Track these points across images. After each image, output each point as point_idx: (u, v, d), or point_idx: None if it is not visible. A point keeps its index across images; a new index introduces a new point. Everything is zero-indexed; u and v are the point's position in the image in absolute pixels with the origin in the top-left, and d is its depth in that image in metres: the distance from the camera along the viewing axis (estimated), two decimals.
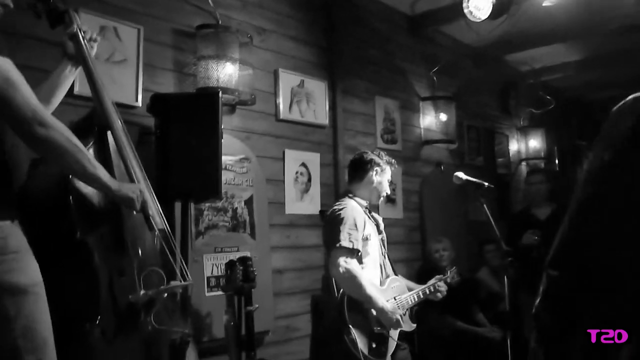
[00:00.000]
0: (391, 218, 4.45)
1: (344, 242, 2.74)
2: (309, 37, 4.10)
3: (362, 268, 2.81)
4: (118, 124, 1.95)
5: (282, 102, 3.81)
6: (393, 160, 3.13)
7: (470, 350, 4.11)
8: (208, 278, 3.17)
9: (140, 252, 1.93)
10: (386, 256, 3.06)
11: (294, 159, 3.86)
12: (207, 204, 3.24)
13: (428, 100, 5.10)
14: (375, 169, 3.02)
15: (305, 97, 3.99)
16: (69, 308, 1.69)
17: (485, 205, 3.05)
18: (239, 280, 2.79)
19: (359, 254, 2.80)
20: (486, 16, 3.50)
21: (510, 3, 3.48)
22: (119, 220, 1.89)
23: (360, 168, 3.04)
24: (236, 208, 3.41)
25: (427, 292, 3.08)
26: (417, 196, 4.91)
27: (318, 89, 4.08)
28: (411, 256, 4.73)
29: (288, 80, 3.88)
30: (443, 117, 5.10)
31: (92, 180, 1.72)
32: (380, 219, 3.10)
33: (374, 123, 4.56)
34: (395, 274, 3.07)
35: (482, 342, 4.19)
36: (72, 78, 2.05)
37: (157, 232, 1.89)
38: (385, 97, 4.68)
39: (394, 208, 4.60)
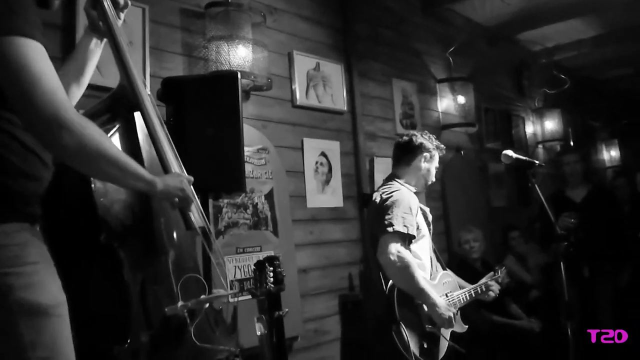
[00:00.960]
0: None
1: (398, 226, 2.46)
2: (323, 17, 3.80)
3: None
4: (149, 103, 1.64)
5: (299, 87, 3.51)
6: (442, 146, 2.84)
7: (511, 344, 3.85)
8: (231, 282, 2.88)
9: (176, 254, 1.63)
10: (434, 249, 2.78)
11: (313, 148, 3.57)
12: (225, 201, 2.95)
13: (445, 82, 4.82)
14: (424, 154, 2.76)
15: (321, 81, 3.69)
16: (94, 328, 1.39)
17: (537, 186, 2.76)
18: (270, 283, 2.50)
19: (412, 241, 2.52)
20: None
21: None
22: (150, 217, 1.59)
23: (408, 152, 2.76)
24: (256, 203, 3.12)
25: (479, 291, 2.82)
26: (439, 184, 4.63)
27: (334, 72, 3.78)
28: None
29: (303, 63, 3.58)
30: (461, 99, 4.83)
31: (131, 186, 1.45)
32: (427, 209, 2.82)
33: (392, 108, 4.27)
34: (444, 269, 2.79)
35: (521, 335, 3.93)
36: (99, 52, 1.73)
37: (197, 231, 1.59)
38: (402, 79, 4.40)
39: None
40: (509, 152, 2.82)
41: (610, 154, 7.58)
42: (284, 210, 3.26)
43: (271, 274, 2.54)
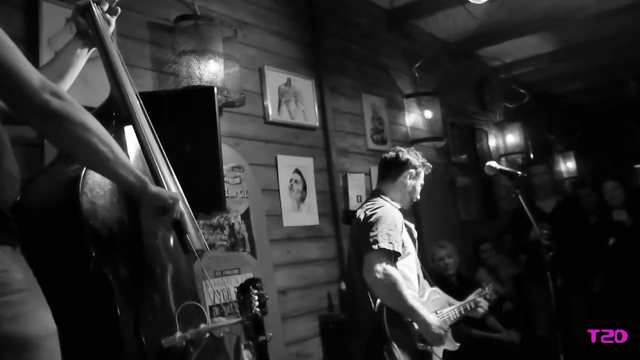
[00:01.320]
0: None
1: (383, 243, 2.37)
2: (293, 32, 3.74)
3: None
4: (141, 115, 1.51)
5: (270, 103, 3.42)
6: (428, 164, 2.79)
7: (491, 358, 3.81)
8: (211, 308, 2.72)
9: (173, 280, 1.50)
10: (421, 266, 2.71)
11: (286, 165, 3.47)
12: (201, 221, 2.81)
13: (412, 97, 4.83)
14: (410, 170, 2.68)
15: (293, 97, 3.61)
16: None
17: (520, 196, 2.75)
18: (255, 307, 2.37)
19: (398, 258, 2.44)
20: None
21: None
22: (143, 239, 1.45)
23: (394, 168, 2.69)
24: (233, 224, 2.99)
25: (468, 308, 2.76)
26: None
27: (306, 87, 3.72)
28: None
29: (274, 78, 3.50)
30: (428, 114, 4.84)
31: (120, 178, 1.28)
32: (412, 225, 2.75)
33: (362, 123, 4.23)
34: (431, 286, 2.72)
35: (501, 348, 3.90)
36: (84, 60, 1.62)
37: (196, 255, 1.45)
38: (371, 94, 4.37)
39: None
40: (493, 164, 2.81)
41: (567, 166, 7.78)
42: (261, 230, 3.14)
43: (256, 297, 2.43)
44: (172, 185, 1.53)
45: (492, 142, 6.20)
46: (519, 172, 2.84)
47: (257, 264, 3.04)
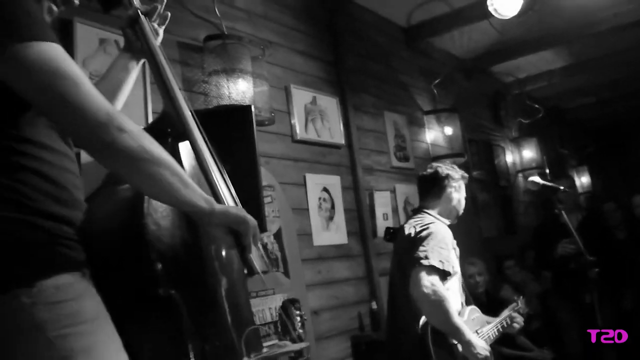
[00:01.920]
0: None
1: (434, 260, 2.32)
2: (316, 51, 3.74)
3: None
4: (197, 131, 1.46)
5: (298, 121, 3.40)
6: (466, 175, 2.79)
7: None
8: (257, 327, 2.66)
9: (232, 303, 1.44)
10: (463, 286, 2.66)
11: (315, 183, 3.44)
12: None
13: (431, 113, 4.82)
14: (453, 184, 2.67)
15: (319, 115, 3.59)
16: None
17: (563, 212, 2.70)
18: (298, 328, 2.32)
19: (447, 278, 2.38)
20: (514, 13, 3.24)
21: None
22: (206, 261, 1.40)
23: (437, 184, 2.67)
24: (266, 244, 2.94)
25: (505, 324, 2.70)
26: None
27: (330, 105, 3.70)
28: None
29: (300, 97, 3.48)
30: (448, 130, 4.82)
31: (190, 204, 1.21)
32: (455, 242, 2.70)
33: (385, 140, 4.21)
34: (470, 304, 2.65)
35: None
36: (135, 75, 1.57)
37: (261, 277, 1.39)
38: (393, 112, 4.36)
39: None
40: (536, 179, 2.78)
41: (582, 180, 7.74)
42: (293, 250, 3.09)
43: (298, 318, 2.38)
44: (230, 202, 1.48)
45: (509, 157, 6.18)
46: (562, 187, 2.80)
47: (291, 284, 2.99)
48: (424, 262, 2.32)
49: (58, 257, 1.09)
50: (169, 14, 1.60)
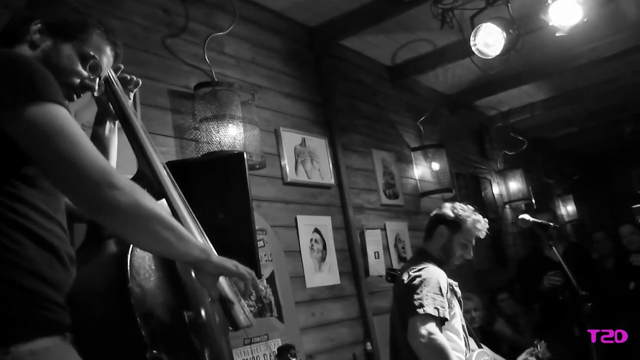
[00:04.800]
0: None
1: (428, 308, 2.30)
2: (304, 93, 3.79)
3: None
4: (172, 188, 1.49)
5: (288, 163, 3.43)
6: (479, 217, 2.67)
7: None
8: None
9: (216, 357, 1.44)
10: (467, 326, 2.65)
11: (306, 225, 3.45)
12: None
13: (418, 150, 4.87)
14: (454, 227, 2.61)
15: (308, 156, 3.63)
16: None
17: (554, 247, 2.73)
18: None
19: (444, 323, 2.37)
20: (497, 53, 3.33)
21: (519, 36, 3.34)
22: (192, 318, 1.40)
23: (430, 223, 2.66)
24: (259, 289, 2.92)
25: None
26: None
27: (319, 146, 3.74)
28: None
29: (290, 139, 3.52)
30: (435, 165, 4.88)
31: (184, 255, 1.25)
32: (455, 283, 2.69)
33: (374, 178, 4.24)
34: (480, 346, 2.64)
35: None
36: (115, 135, 1.59)
37: (245, 331, 1.40)
38: (381, 149, 4.41)
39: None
40: (526, 217, 2.82)
41: (567, 209, 7.82)
42: (287, 293, 3.08)
43: None
44: None
45: (496, 189, 6.24)
46: (551, 223, 2.84)
47: (285, 329, 2.97)
48: (419, 310, 2.31)
49: (36, 320, 1.09)
50: (140, 81, 1.65)
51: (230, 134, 2.95)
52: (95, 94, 1.42)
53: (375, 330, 3.60)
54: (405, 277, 2.51)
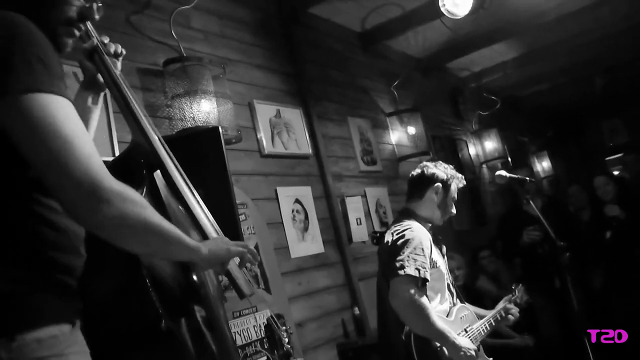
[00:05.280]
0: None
1: (410, 269, 2.32)
2: (275, 64, 3.75)
3: (429, 300, 2.42)
4: (169, 160, 1.46)
5: (264, 136, 3.41)
6: (459, 175, 2.71)
7: None
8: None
9: (224, 331, 1.46)
10: (452, 282, 2.69)
11: (287, 196, 3.45)
12: None
13: (394, 115, 4.88)
14: (436, 185, 2.61)
15: (284, 128, 3.61)
16: None
17: (532, 202, 2.78)
18: (285, 343, 2.33)
19: (427, 283, 2.40)
20: (466, 12, 3.33)
21: None
22: (199, 290, 1.41)
23: (419, 184, 2.65)
24: None
25: (499, 317, 2.71)
26: None
27: (295, 117, 3.72)
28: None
29: (264, 111, 3.49)
30: (411, 130, 4.90)
31: (173, 256, 1.28)
32: (442, 241, 2.73)
33: (351, 146, 4.25)
34: (462, 302, 2.69)
35: (517, 353, 3.91)
36: (98, 111, 1.53)
37: (248, 299, 1.42)
38: (357, 117, 4.41)
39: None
40: (503, 173, 2.85)
41: (543, 165, 7.95)
42: (272, 265, 3.10)
43: (284, 334, 2.39)
44: (209, 227, 1.50)
45: (472, 150, 6.31)
46: (528, 178, 2.88)
47: (273, 300, 2.99)
48: (400, 272, 2.32)
49: (45, 306, 1.06)
50: (124, 50, 1.58)
51: (204, 110, 2.92)
52: (96, 16, 1.33)
53: (361, 295, 3.65)
54: (389, 238, 2.52)
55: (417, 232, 2.47)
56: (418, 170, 2.70)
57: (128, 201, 1.10)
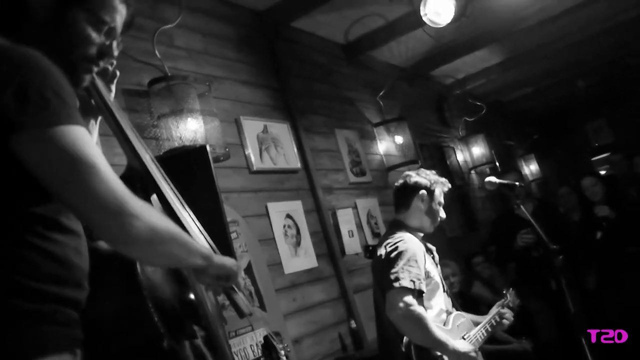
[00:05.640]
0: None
1: (404, 281, 2.32)
2: (260, 80, 3.75)
3: (426, 310, 2.40)
4: (164, 181, 1.45)
5: (252, 152, 3.39)
6: (442, 179, 2.72)
7: None
8: None
9: (223, 348, 1.45)
10: (447, 289, 2.68)
11: (278, 211, 3.43)
12: None
13: (381, 125, 4.89)
14: (421, 192, 2.62)
15: (272, 143, 3.60)
16: None
17: (522, 206, 2.79)
18: None
19: (423, 294, 2.39)
20: (448, 21, 3.35)
21: (468, 1, 3.36)
22: (199, 309, 1.40)
23: (404, 194, 2.65)
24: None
25: (494, 323, 2.71)
26: None
27: (282, 131, 3.71)
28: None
29: (252, 127, 3.48)
30: (399, 139, 4.91)
31: (190, 265, 1.29)
32: (434, 248, 2.72)
33: (340, 158, 4.25)
34: (457, 309, 2.68)
35: (517, 359, 3.89)
36: (95, 134, 1.53)
37: (248, 318, 1.42)
38: (344, 128, 4.40)
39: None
40: (492, 179, 2.84)
41: (530, 168, 7.99)
42: (266, 282, 3.07)
43: (282, 352, 2.35)
44: (207, 246, 1.49)
45: (460, 156, 6.33)
46: (517, 183, 2.89)
47: (268, 317, 2.96)
48: (396, 284, 2.32)
49: (45, 338, 1.05)
50: (118, 73, 1.57)
51: (191, 128, 2.90)
52: (116, 53, 1.33)
53: (357, 308, 3.63)
54: (382, 251, 2.52)
55: (410, 244, 2.47)
56: (401, 181, 2.72)
57: (154, 215, 1.16)
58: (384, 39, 4.84)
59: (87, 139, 1.09)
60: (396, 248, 2.44)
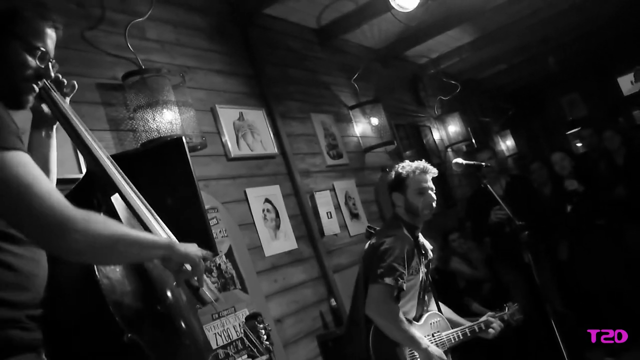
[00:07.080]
0: (360, 233, 4.21)
1: (388, 279, 2.43)
2: (234, 68, 3.80)
3: (400, 300, 2.52)
4: (123, 182, 1.53)
5: (229, 140, 3.47)
6: (423, 166, 2.74)
7: (485, 343, 3.93)
8: (216, 351, 2.73)
9: (192, 334, 1.53)
10: (430, 288, 2.76)
11: (256, 197, 3.52)
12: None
13: (356, 107, 4.98)
14: (406, 183, 2.68)
15: (249, 130, 3.67)
16: None
17: (489, 186, 2.90)
18: (264, 341, 2.41)
19: (401, 293, 2.51)
20: (415, 4, 3.42)
21: None
22: (163, 301, 1.48)
23: (391, 189, 2.74)
24: (219, 264, 3.01)
25: (477, 329, 2.76)
26: (376, 205, 4.74)
27: (258, 118, 3.78)
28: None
29: (227, 115, 3.55)
30: (375, 120, 5.00)
31: (151, 257, 1.41)
32: (427, 244, 2.80)
33: (317, 142, 4.33)
34: (439, 309, 2.78)
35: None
36: (54, 141, 1.60)
37: (213, 305, 1.50)
38: (319, 113, 4.49)
39: (360, 222, 4.38)
40: (459, 160, 2.95)
41: (507, 144, 8.15)
42: (247, 265, 3.17)
43: (263, 331, 2.47)
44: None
45: (437, 135, 6.45)
46: (483, 163, 3.00)
47: (250, 299, 3.07)
48: (380, 280, 2.43)
49: (9, 340, 1.16)
50: (76, 83, 1.65)
51: (167, 119, 2.96)
52: (52, 74, 1.44)
53: (337, 286, 3.75)
54: (373, 241, 2.62)
55: (400, 241, 2.55)
56: (389, 177, 2.80)
57: (92, 222, 1.22)
58: (356, 23, 4.90)
59: (25, 160, 1.17)
60: (384, 242, 2.53)
